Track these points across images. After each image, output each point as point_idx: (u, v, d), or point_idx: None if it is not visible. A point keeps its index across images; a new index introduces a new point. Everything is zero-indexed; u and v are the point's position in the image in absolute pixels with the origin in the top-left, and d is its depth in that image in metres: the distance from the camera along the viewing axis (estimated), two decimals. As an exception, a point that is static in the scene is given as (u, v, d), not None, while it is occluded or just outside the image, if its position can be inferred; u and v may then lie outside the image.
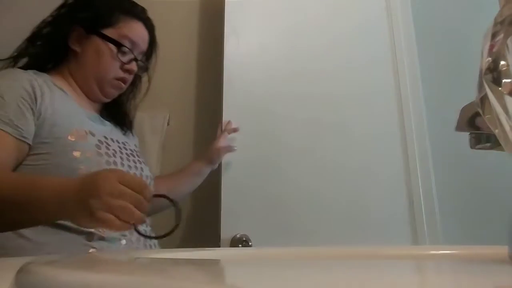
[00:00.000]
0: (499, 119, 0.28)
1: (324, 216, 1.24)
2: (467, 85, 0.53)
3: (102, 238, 0.79)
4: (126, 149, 0.95)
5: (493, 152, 0.38)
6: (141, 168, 0.96)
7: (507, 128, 0.28)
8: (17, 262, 0.29)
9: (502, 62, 0.28)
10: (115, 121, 1.02)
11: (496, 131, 0.29)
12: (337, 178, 1.28)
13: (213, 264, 0.36)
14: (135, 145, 1.04)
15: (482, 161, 1.22)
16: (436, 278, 0.27)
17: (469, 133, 0.39)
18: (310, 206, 1.25)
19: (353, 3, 1.45)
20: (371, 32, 1.44)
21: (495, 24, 0.29)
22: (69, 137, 0.83)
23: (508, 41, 0.28)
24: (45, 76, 0.90)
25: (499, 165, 1.21)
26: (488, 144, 0.37)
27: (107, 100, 1.00)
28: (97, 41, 0.94)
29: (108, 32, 0.94)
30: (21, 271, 0.26)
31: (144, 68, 1.04)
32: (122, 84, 0.98)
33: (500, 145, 0.29)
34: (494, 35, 0.29)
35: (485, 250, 0.47)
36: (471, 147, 0.39)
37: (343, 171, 1.29)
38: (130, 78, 0.99)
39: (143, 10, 1.02)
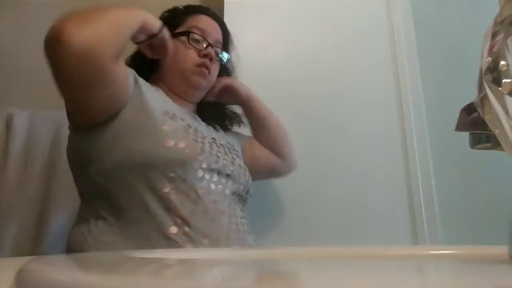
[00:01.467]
0: (499, 119, 0.28)
1: (323, 216, 1.24)
2: (467, 85, 0.53)
3: (185, 234, 0.80)
4: (215, 141, 0.96)
5: (493, 152, 0.38)
6: (233, 158, 0.97)
7: (507, 128, 0.28)
8: (17, 262, 0.29)
9: (502, 62, 0.28)
10: (207, 122, 1.04)
11: (496, 131, 0.29)
12: (337, 178, 1.28)
13: (214, 264, 0.36)
14: (228, 142, 1.03)
15: (482, 161, 1.22)
16: (436, 278, 0.27)
17: (469, 133, 0.39)
18: (310, 206, 1.25)
19: (353, 3, 1.45)
20: (371, 32, 1.44)
21: (495, 24, 0.29)
22: (161, 114, 0.87)
23: (508, 41, 0.28)
24: None
25: (499, 165, 1.21)
26: (488, 144, 0.37)
27: (198, 92, 1.02)
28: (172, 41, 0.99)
29: (178, 30, 1.00)
30: (21, 271, 0.26)
31: (224, 56, 1.06)
32: (205, 70, 1.00)
33: (500, 145, 0.29)
34: (494, 35, 0.29)
35: (485, 250, 0.47)
36: (471, 147, 0.39)
37: (343, 171, 1.29)
38: (210, 64, 1.01)
39: (207, 8, 1.08)
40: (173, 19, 1.03)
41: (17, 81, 1.38)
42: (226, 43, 1.08)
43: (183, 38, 0.99)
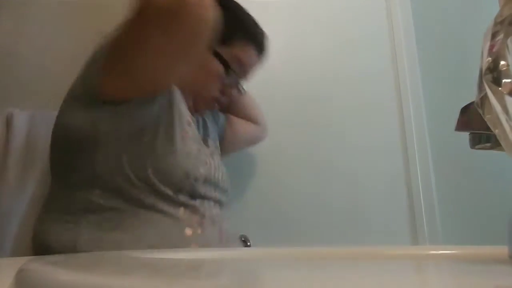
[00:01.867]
0: (499, 119, 0.28)
1: (323, 216, 1.24)
2: (467, 85, 0.53)
3: (198, 236, 0.78)
4: (208, 147, 0.95)
5: (493, 152, 0.37)
6: (221, 165, 0.95)
7: (507, 128, 0.28)
8: (17, 262, 0.29)
9: (502, 62, 0.28)
10: None
11: (496, 131, 0.29)
12: (337, 177, 1.28)
13: (213, 264, 0.36)
14: (213, 142, 1.02)
15: (482, 161, 1.22)
16: (436, 278, 0.27)
17: (469, 133, 0.39)
18: (310, 206, 1.25)
19: (353, 3, 1.45)
20: (371, 32, 1.44)
21: (495, 24, 0.29)
22: (185, 117, 0.86)
23: (508, 41, 0.28)
24: None
25: (499, 165, 1.21)
26: (488, 144, 0.37)
27: (196, 115, 0.96)
28: (206, 55, 0.88)
29: (222, 50, 0.90)
30: (21, 271, 0.26)
31: (241, 92, 1.00)
32: (216, 105, 0.95)
33: (500, 145, 0.29)
34: (494, 35, 0.29)
35: (485, 250, 0.47)
36: (471, 147, 0.39)
37: (343, 171, 1.29)
38: (225, 101, 0.96)
39: (263, 35, 0.97)
40: (225, 33, 0.86)
41: (17, 81, 1.38)
42: None
43: (220, 67, 0.90)
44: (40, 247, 0.77)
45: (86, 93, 0.77)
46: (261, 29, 0.98)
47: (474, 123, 0.37)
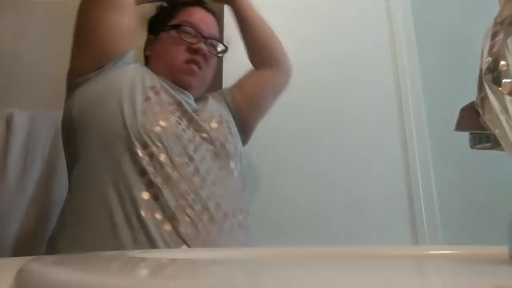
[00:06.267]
0: (499, 119, 0.28)
1: (323, 216, 1.24)
2: (467, 85, 0.53)
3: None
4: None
5: (493, 152, 0.38)
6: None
7: (507, 128, 0.28)
8: (17, 262, 0.29)
9: (502, 62, 0.28)
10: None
11: (496, 131, 0.29)
12: (337, 177, 1.28)
13: (213, 264, 0.36)
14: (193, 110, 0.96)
15: (482, 161, 1.22)
16: (436, 278, 0.27)
17: (469, 133, 0.39)
18: (310, 206, 1.25)
19: (353, 3, 1.45)
20: (370, 32, 1.44)
21: (495, 24, 0.29)
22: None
23: (508, 41, 0.28)
24: None
25: (499, 165, 1.21)
26: (488, 144, 0.37)
27: (191, 91, 0.95)
28: (161, 36, 0.96)
29: (170, 22, 0.97)
30: (21, 271, 0.26)
31: (217, 48, 1.02)
32: (194, 67, 0.94)
33: (500, 145, 0.29)
34: (494, 35, 0.29)
35: (485, 250, 0.47)
36: (471, 147, 0.39)
37: (343, 171, 1.29)
38: (202, 60, 0.95)
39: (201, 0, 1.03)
40: (166, 12, 1.00)
41: (17, 81, 1.38)
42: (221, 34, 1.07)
43: (173, 32, 0.94)
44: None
45: (67, 84, 0.90)
46: None
47: (474, 123, 0.37)
